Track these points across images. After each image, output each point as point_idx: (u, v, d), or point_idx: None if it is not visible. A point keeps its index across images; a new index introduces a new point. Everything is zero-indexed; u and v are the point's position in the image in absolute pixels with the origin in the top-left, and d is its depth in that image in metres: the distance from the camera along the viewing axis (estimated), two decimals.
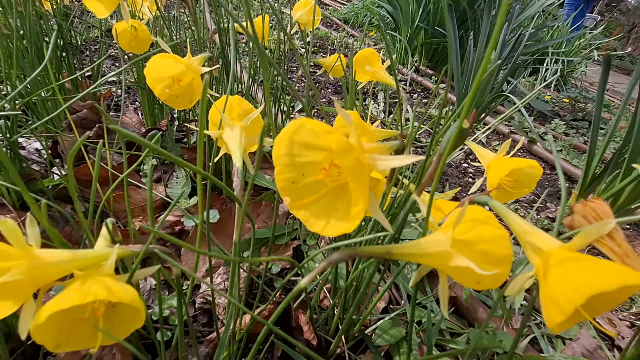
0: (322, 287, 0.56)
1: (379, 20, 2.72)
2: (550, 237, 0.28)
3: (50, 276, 0.26)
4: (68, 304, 0.24)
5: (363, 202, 0.24)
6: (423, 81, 2.19)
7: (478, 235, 0.26)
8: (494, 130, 1.81)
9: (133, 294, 0.26)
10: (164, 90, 0.54)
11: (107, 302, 0.27)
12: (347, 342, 0.56)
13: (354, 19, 3.53)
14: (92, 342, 0.27)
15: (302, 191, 0.28)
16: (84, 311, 0.27)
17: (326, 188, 0.28)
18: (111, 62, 1.52)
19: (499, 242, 0.25)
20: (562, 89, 2.78)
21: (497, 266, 0.25)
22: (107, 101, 1.20)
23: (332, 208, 0.28)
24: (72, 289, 0.25)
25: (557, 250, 0.27)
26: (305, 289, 0.53)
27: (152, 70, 0.53)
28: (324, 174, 0.27)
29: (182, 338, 0.38)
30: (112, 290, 0.25)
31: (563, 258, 0.26)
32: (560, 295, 0.24)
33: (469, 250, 0.26)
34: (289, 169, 0.28)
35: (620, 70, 4.54)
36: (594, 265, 0.25)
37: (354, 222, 0.24)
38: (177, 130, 1.06)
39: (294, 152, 0.28)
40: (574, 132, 2.02)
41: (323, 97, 1.78)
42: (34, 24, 0.80)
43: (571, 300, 0.23)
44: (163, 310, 0.53)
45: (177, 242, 0.27)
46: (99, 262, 0.28)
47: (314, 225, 0.27)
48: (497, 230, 0.26)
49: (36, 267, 0.25)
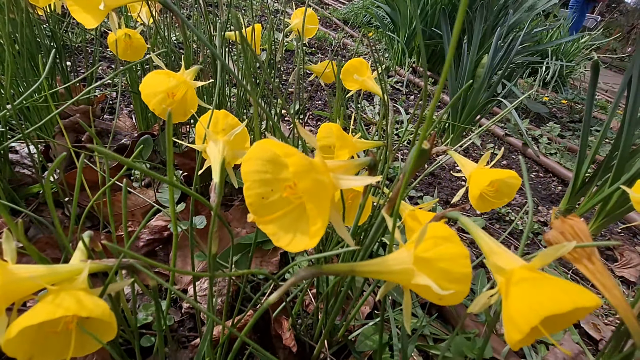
0: (304, 292, 0.57)
1: (378, 21, 2.72)
2: (515, 257, 0.29)
3: (23, 291, 0.27)
4: (39, 319, 0.25)
5: (321, 221, 0.25)
6: (420, 83, 2.19)
7: (439, 254, 0.27)
8: (489, 133, 1.81)
9: (104, 308, 0.27)
10: (159, 104, 0.56)
11: (79, 316, 0.28)
12: (331, 348, 0.57)
13: (353, 19, 3.53)
14: (65, 353, 0.28)
15: (270, 206, 0.29)
16: (57, 325, 0.28)
17: (292, 205, 0.29)
18: (107, 65, 1.53)
19: (458, 261, 0.26)
20: (561, 90, 2.78)
21: (456, 284, 0.26)
22: (102, 104, 1.21)
23: (297, 224, 0.28)
24: (44, 304, 0.26)
25: (518, 270, 0.27)
26: (286, 297, 0.54)
27: (147, 86, 0.55)
28: (289, 192, 0.28)
29: (162, 347, 0.39)
30: (83, 304, 0.26)
31: (522, 278, 0.26)
32: (518, 314, 0.25)
33: (430, 268, 0.27)
34: (258, 184, 0.29)
35: (620, 71, 4.53)
36: (550, 286, 0.25)
37: (314, 240, 0.25)
38: None
39: (262, 169, 0.29)
40: (570, 134, 2.02)
41: (318, 99, 1.79)
42: (26, 28, 0.81)
43: (527, 320, 0.24)
44: (148, 316, 0.54)
45: (147, 261, 0.28)
46: (73, 276, 0.28)
47: (280, 240, 0.28)
48: (458, 249, 0.27)
49: (9, 282, 0.26)
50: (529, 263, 0.28)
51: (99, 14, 0.64)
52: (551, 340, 0.24)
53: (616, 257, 1.05)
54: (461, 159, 0.55)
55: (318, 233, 0.24)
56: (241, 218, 0.77)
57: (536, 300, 0.24)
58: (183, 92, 0.56)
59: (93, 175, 0.77)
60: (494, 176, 0.48)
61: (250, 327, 0.31)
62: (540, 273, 0.27)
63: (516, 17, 1.85)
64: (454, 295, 0.26)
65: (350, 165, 0.29)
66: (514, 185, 0.51)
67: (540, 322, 0.24)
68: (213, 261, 0.36)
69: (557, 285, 0.25)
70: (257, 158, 0.28)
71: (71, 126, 0.93)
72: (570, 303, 0.23)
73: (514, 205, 1.23)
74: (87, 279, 0.30)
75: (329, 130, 0.49)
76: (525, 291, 0.25)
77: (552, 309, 0.23)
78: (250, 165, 0.28)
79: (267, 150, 0.27)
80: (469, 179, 0.52)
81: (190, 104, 0.58)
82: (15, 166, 0.84)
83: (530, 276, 0.26)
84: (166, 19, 0.95)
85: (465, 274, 0.26)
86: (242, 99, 0.92)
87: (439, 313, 0.68)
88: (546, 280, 0.26)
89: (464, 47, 1.47)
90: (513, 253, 0.30)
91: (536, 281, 0.26)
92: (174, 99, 0.56)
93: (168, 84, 0.55)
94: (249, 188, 0.29)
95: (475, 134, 0.87)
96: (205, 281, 0.64)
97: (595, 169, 1.08)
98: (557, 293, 0.24)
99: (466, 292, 0.27)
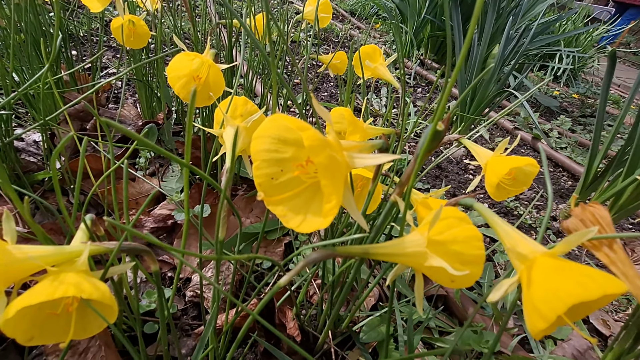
0: (309, 282, 0.56)
1: (385, 12, 2.67)
2: (534, 243, 0.28)
3: (22, 272, 0.26)
4: (37, 299, 0.24)
5: (336, 199, 0.23)
6: (428, 75, 2.15)
7: (452, 236, 0.26)
8: (498, 126, 1.78)
9: (104, 290, 0.26)
10: (183, 88, 0.54)
11: (79, 298, 0.27)
12: (335, 338, 0.56)
13: (360, 10, 3.48)
14: (66, 336, 0.28)
15: (280, 187, 0.28)
16: (57, 306, 0.27)
17: (303, 185, 0.28)
18: (112, 54, 1.52)
19: (471, 243, 0.25)
20: (572, 84, 2.72)
21: (469, 266, 0.25)
22: (107, 93, 1.20)
23: (308, 204, 0.27)
24: (43, 285, 0.25)
25: (540, 257, 0.26)
26: (290, 286, 0.53)
27: (172, 69, 0.53)
28: (301, 171, 0.27)
29: (165, 334, 0.38)
30: (82, 286, 0.25)
31: (545, 265, 0.25)
32: (542, 303, 0.24)
33: (443, 251, 0.26)
34: (267, 164, 0.28)
35: (633, 65, 4.42)
36: (575, 273, 0.24)
37: (327, 219, 0.24)
38: (175, 124, 1.05)
39: (272, 148, 0.27)
40: (581, 128, 1.97)
41: (325, 90, 1.77)
42: (30, 14, 0.80)
43: (553, 309, 0.23)
44: (151, 303, 0.53)
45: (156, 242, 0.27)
46: (73, 258, 0.28)
47: (290, 221, 0.27)
48: (470, 232, 0.25)
49: (8, 262, 0.25)
50: (550, 250, 0.26)
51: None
52: (573, 327, 0.22)
53: (628, 253, 1.03)
54: (476, 147, 0.53)
55: (332, 212, 0.23)
56: (245, 208, 0.76)
57: (562, 288, 0.23)
58: (206, 73, 0.54)
59: (97, 163, 0.77)
60: (513, 164, 0.47)
61: (259, 309, 0.30)
62: (564, 260, 0.25)
63: (529, 7, 1.80)
64: (466, 277, 0.25)
65: (364, 146, 0.28)
66: (531, 173, 0.49)
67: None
68: (221, 245, 0.35)
69: (583, 272, 0.23)
70: (267, 136, 0.27)
71: (76, 114, 0.92)
72: (598, 290, 0.22)
73: (522, 199, 1.20)
74: (90, 261, 0.29)
75: (340, 115, 0.47)
76: (550, 278, 0.24)
77: (580, 296, 0.22)
78: (260, 144, 0.27)
79: (278, 126, 0.26)
80: (485, 168, 0.51)
81: (214, 89, 0.56)
82: (21, 153, 0.84)
83: (554, 263, 0.25)
84: (171, 7, 0.94)
85: (478, 255, 0.25)
86: (248, 88, 0.91)
87: (445, 306, 0.67)
88: (571, 267, 0.24)
89: (475, 38, 1.43)
90: (533, 240, 0.28)
91: (561, 268, 0.24)
92: (200, 81, 0.54)
93: (191, 66, 0.53)
94: (258, 167, 0.27)
95: (483, 125, 0.85)
96: (210, 270, 0.63)
97: (606, 163, 1.06)
98: (584, 280, 0.23)
99: (479, 274, 0.26)
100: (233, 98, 0.46)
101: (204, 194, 0.45)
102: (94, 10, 0.67)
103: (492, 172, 0.49)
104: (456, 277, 0.25)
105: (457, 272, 0.24)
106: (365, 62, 0.67)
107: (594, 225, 0.32)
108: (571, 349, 0.61)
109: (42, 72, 0.62)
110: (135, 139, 0.23)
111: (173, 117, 1.07)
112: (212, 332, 0.39)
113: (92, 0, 0.66)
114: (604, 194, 1.02)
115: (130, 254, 0.30)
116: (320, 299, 0.54)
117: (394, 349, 0.56)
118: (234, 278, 0.47)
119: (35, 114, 0.87)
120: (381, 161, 0.23)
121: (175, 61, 0.53)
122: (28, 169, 0.79)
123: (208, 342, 0.40)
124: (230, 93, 0.48)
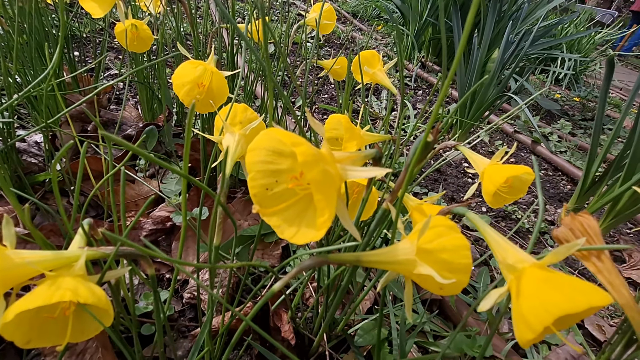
0: (305, 285, 0.57)
1: (387, 14, 2.68)
2: (525, 254, 0.28)
3: (21, 276, 0.27)
4: (35, 304, 0.24)
5: (328, 212, 0.24)
6: (429, 77, 2.15)
7: (441, 245, 0.26)
8: (498, 129, 1.78)
9: (100, 295, 0.27)
10: (187, 95, 0.55)
11: (76, 302, 0.28)
12: (330, 341, 0.57)
13: (362, 12, 3.48)
14: (63, 338, 0.28)
15: (274, 198, 0.28)
16: (54, 310, 0.27)
17: (297, 196, 0.28)
18: (114, 55, 1.53)
19: (459, 252, 0.26)
20: (574, 87, 2.71)
21: (457, 274, 0.26)
22: (109, 94, 1.21)
23: (302, 216, 0.28)
24: (41, 289, 0.26)
25: (529, 268, 0.26)
26: (286, 289, 0.54)
27: (177, 77, 0.54)
28: (295, 183, 0.27)
29: (162, 336, 0.39)
30: (78, 291, 0.26)
31: (534, 277, 0.26)
32: (530, 314, 0.24)
33: (432, 259, 0.26)
34: (262, 175, 0.28)
35: (635, 69, 4.41)
36: (562, 284, 0.24)
37: (321, 232, 0.25)
38: (176, 125, 1.06)
39: (267, 160, 0.28)
40: (581, 132, 1.97)
41: (325, 92, 1.77)
42: (33, 17, 0.81)
43: (540, 320, 0.23)
44: (148, 305, 0.54)
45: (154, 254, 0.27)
46: (70, 263, 0.28)
47: (284, 232, 0.27)
48: (459, 241, 0.26)
49: (6, 267, 0.26)
50: (539, 261, 0.27)
51: (106, 3, 0.64)
52: (560, 338, 0.23)
53: (624, 259, 1.03)
54: (472, 155, 0.53)
55: (325, 224, 0.23)
56: (243, 210, 0.77)
57: (550, 300, 0.23)
58: (210, 80, 0.55)
59: (98, 164, 0.77)
60: (510, 173, 0.47)
61: (253, 314, 0.30)
62: (552, 271, 0.26)
63: (530, 11, 1.80)
64: (454, 285, 0.26)
65: (357, 157, 0.28)
66: (527, 181, 0.50)
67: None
68: (215, 252, 0.35)
69: (570, 284, 0.24)
70: (262, 148, 0.27)
71: (77, 115, 0.93)
72: (584, 302, 0.22)
73: (521, 203, 1.20)
74: (88, 265, 0.30)
75: (337, 122, 0.48)
76: (538, 290, 0.24)
77: (567, 308, 0.22)
78: (255, 156, 0.27)
79: (272, 140, 0.27)
80: (481, 176, 0.51)
81: (217, 95, 0.56)
82: (22, 154, 0.85)
83: (542, 274, 0.25)
84: (174, 9, 0.95)
85: (465, 264, 0.26)
86: (249, 91, 0.91)
87: (440, 310, 0.68)
88: (559, 279, 0.25)
89: (474, 42, 1.43)
90: (522, 250, 0.29)
91: (549, 280, 0.25)
92: (203, 88, 0.55)
93: (195, 73, 0.54)
94: (253, 179, 0.28)
95: (484, 130, 0.85)
96: (206, 272, 0.64)
97: (605, 168, 1.06)
98: (571, 292, 0.23)
99: (466, 282, 0.26)
100: (233, 105, 0.46)
101: (202, 197, 0.46)
102: (95, 16, 0.68)
103: (489, 181, 0.49)
104: (444, 284, 0.25)
105: (445, 280, 0.25)
106: (364, 68, 0.68)
107: (583, 235, 0.33)
108: (565, 353, 0.61)
109: (44, 74, 0.63)
110: (129, 148, 0.23)
111: (174, 119, 1.08)
112: (207, 335, 0.40)
113: (94, 7, 0.66)
114: (602, 198, 1.02)
115: (127, 259, 0.31)
116: (316, 302, 0.55)
117: (388, 353, 0.56)
118: (230, 281, 0.48)
119: (38, 115, 0.87)
120: (373, 174, 0.24)
121: (180, 69, 0.54)
122: (30, 170, 0.79)
123: (204, 345, 0.40)
124: (231, 97, 0.49)
